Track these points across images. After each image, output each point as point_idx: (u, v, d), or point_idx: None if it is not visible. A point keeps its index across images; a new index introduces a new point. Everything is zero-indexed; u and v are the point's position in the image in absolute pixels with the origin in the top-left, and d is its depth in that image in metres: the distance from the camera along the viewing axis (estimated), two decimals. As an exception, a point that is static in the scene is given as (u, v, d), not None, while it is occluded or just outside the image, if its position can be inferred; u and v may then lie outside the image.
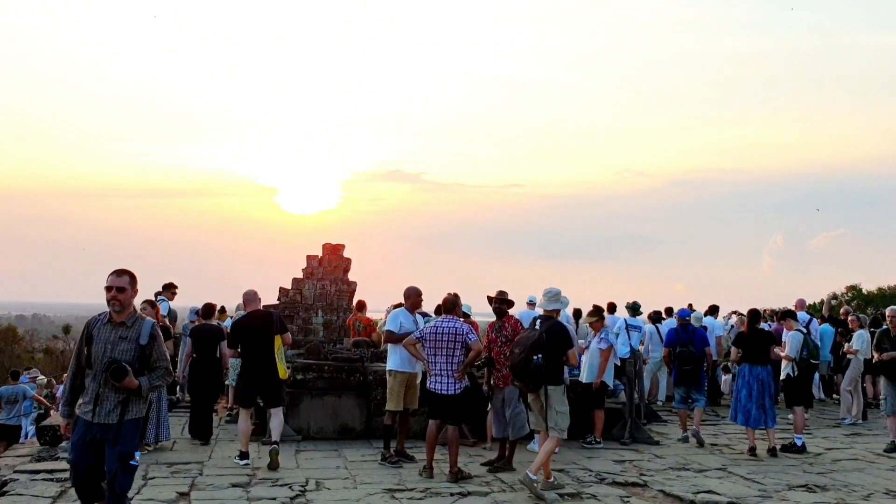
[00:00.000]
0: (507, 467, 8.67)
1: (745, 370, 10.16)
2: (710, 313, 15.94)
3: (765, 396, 10.02)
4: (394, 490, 7.67)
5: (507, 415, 8.81)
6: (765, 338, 10.34)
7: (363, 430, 10.54)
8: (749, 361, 10.13)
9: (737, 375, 10.49)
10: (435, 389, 8.28)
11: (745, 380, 10.15)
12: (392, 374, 9.06)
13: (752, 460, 9.68)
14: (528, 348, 7.70)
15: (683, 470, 9.01)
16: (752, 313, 10.73)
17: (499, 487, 7.89)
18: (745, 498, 7.69)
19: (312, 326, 17.55)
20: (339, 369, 10.75)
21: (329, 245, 18.62)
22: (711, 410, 14.42)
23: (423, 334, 8.43)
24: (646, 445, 10.54)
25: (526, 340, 7.78)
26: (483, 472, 8.53)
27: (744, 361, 10.19)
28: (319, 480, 8.00)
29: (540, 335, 7.75)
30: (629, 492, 7.92)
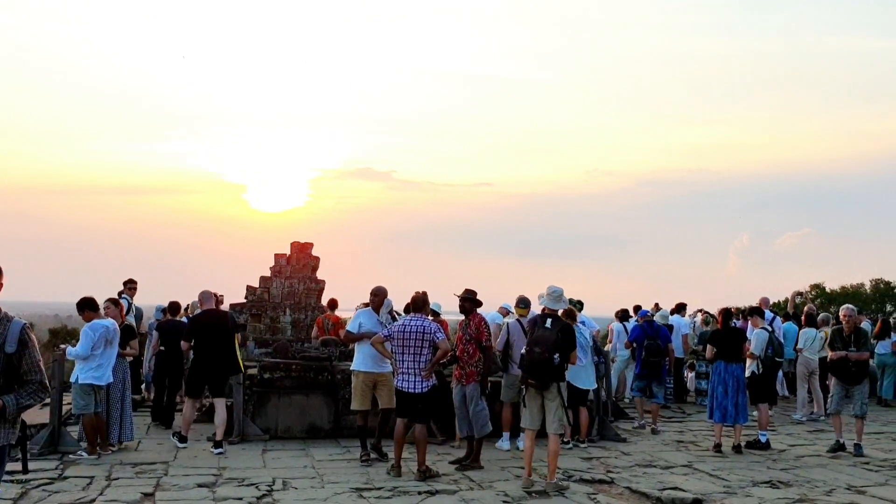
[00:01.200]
0: (475, 465, 8.68)
1: (721, 367, 10.26)
2: (677, 311, 16.07)
3: (738, 393, 10.15)
4: (361, 489, 7.64)
5: (469, 412, 8.83)
6: (738, 335, 10.50)
7: (331, 430, 10.49)
8: (724, 359, 10.24)
9: (711, 373, 10.60)
10: (402, 388, 8.27)
11: (720, 377, 10.25)
12: (354, 374, 9.08)
13: (717, 457, 9.79)
14: (549, 348, 7.72)
15: (650, 467, 9.08)
16: (726, 311, 10.87)
17: (467, 486, 7.90)
18: (710, 494, 7.77)
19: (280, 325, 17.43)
20: (306, 368, 10.69)
21: (297, 243, 18.51)
22: (678, 408, 14.57)
23: (390, 333, 8.42)
24: (613, 443, 10.62)
25: (545, 340, 7.76)
26: (451, 471, 8.53)
27: (718, 359, 10.29)
28: (287, 480, 7.95)
29: (557, 335, 7.80)
30: (596, 489, 7.97)
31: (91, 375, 8.90)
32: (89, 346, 8.86)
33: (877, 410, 14.92)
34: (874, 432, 12.03)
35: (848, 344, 10.33)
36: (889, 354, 15.69)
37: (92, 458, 8.71)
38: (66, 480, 7.77)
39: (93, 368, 8.91)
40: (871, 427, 12.61)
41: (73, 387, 9.02)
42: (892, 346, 15.74)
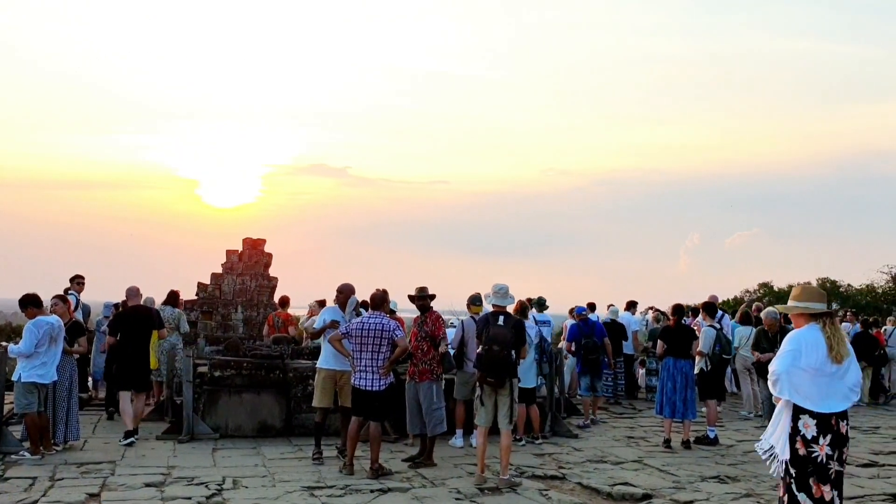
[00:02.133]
0: (428, 463, 8.68)
1: (670, 363, 10.40)
2: (628, 309, 16.26)
3: (687, 389, 10.30)
4: (313, 488, 7.58)
5: (423, 410, 8.83)
6: (688, 333, 10.66)
7: (283, 428, 10.39)
8: (673, 355, 10.38)
9: (661, 369, 10.75)
10: (359, 386, 8.22)
11: (669, 373, 10.39)
12: (318, 371, 9.06)
13: (666, 452, 9.92)
14: (507, 345, 7.75)
15: (601, 462, 9.17)
16: (677, 308, 11.03)
17: (419, 483, 7.89)
18: (659, 489, 7.87)
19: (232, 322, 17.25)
20: (258, 366, 10.56)
21: (249, 239, 18.32)
22: (629, 404, 14.77)
23: (349, 330, 8.37)
24: (565, 439, 10.70)
25: (502, 337, 7.78)
26: (404, 469, 8.51)
27: (668, 355, 10.44)
28: (237, 479, 7.85)
29: (512, 331, 7.83)
30: (548, 485, 8.02)
31: (34, 374, 8.68)
32: (33, 344, 8.64)
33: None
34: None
35: (774, 344, 10.55)
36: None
37: (35, 459, 8.49)
38: (7, 482, 7.57)
39: (36, 367, 8.69)
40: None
41: (16, 385, 8.79)
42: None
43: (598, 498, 7.61)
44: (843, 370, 5.02)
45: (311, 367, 10.27)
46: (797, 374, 4.97)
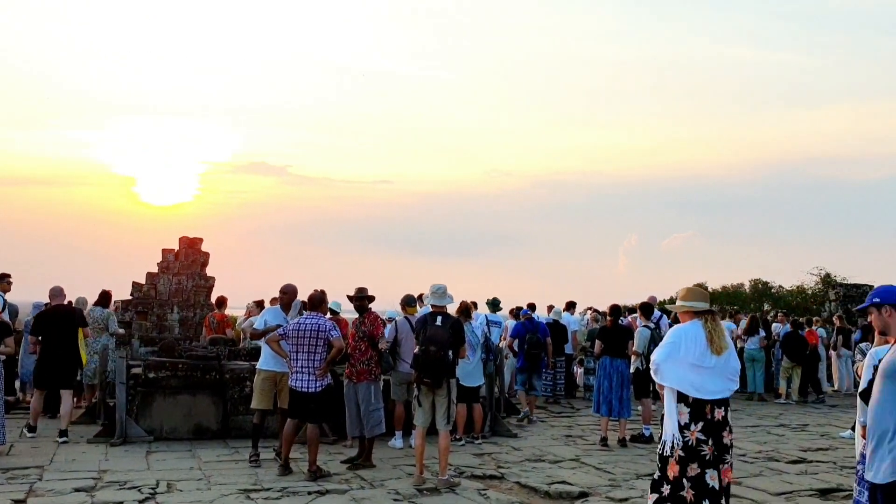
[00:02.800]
0: (367, 464, 8.64)
1: (606, 362, 10.54)
2: (567, 309, 16.44)
3: (623, 388, 10.46)
4: (249, 490, 7.47)
5: (361, 411, 8.78)
6: (624, 332, 10.83)
7: (219, 430, 10.22)
8: (610, 354, 10.53)
9: (598, 368, 10.88)
10: (296, 387, 8.14)
11: (606, 372, 10.53)
12: (258, 372, 8.95)
13: (603, 451, 10.06)
14: (444, 345, 7.72)
15: (539, 461, 9.25)
16: (614, 308, 11.19)
17: (358, 485, 7.84)
18: (595, 487, 7.97)
19: (167, 323, 16.93)
20: (194, 367, 10.37)
21: (186, 238, 18.02)
22: (568, 403, 14.93)
23: (285, 331, 8.27)
24: (505, 438, 10.76)
25: (439, 338, 7.75)
26: (343, 470, 8.46)
27: (605, 354, 10.58)
28: (171, 482, 7.69)
29: (449, 331, 7.80)
30: (487, 484, 8.05)
31: (-42, 376, 8.39)
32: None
33: (753, 405, 15.71)
34: (750, 426, 12.65)
35: None
36: (757, 349, 16.57)
37: (-42, 464, 8.20)
38: (-72, 488, 7.28)
39: (-40, 369, 8.40)
40: (748, 420, 13.26)
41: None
42: (759, 342, 16.61)
43: (536, 497, 7.67)
44: (724, 361, 5.40)
45: (249, 368, 10.15)
46: (677, 364, 5.36)
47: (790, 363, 16.42)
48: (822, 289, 29.49)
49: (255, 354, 10.17)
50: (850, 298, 23.03)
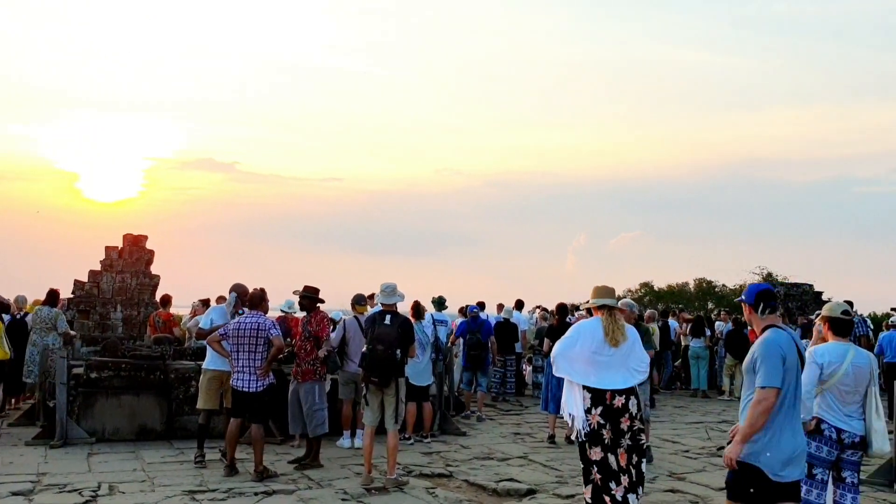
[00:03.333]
0: (315, 464, 8.58)
1: None
2: (517, 308, 16.55)
3: None
4: (194, 491, 7.36)
5: (304, 411, 8.73)
6: None
7: (164, 431, 10.05)
8: None
9: (546, 366, 10.96)
10: (237, 387, 8.05)
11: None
12: (203, 372, 8.85)
13: (551, 448, 10.15)
14: (391, 344, 7.69)
15: (488, 459, 9.29)
16: (561, 307, 11.29)
17: (305, 485, 7.79)
18: (543, 484, 8.04)
19: (111, 322, 16.59)
20: (137, 367, 10.18)
21: (130, 236, 17.68)
22: (516, 401, 15.03)
23: (226, 331, 8.18)
24: (454, 437, 10.79)
25: (387, 337, 7.72)
26: (290, 470, 8.39)
27: None
28: (113, 484, 7.55)
29: (398, 330, 7.77)
30: (435, 483, 8.06)
31: None
32: None
33: (697, 402, 16.02)
34: (694, 422, 12.89)
35: None
36: (702, 347, 16.92)
37: None
38: None
39: None
40: (692, 417, 13.52)
41: None
42: (705, 341, 16.97)
43: (484, 494, 7.71)
44: (624, 353, 5.81)
45: (195, 367, 10.00)
46: (573, 355, 5.81)
47: (733, 361, 16.77)
48: (764, 288, 30.11)
49: (200, 354, 10.02)
50: (790, 297, 23.62)
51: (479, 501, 7.43)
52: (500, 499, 7.59)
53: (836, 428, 5.41)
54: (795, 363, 4.61)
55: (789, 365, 4.54)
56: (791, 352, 4.58)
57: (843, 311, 5.59)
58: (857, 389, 5.42)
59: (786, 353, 4.54)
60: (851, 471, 5.48)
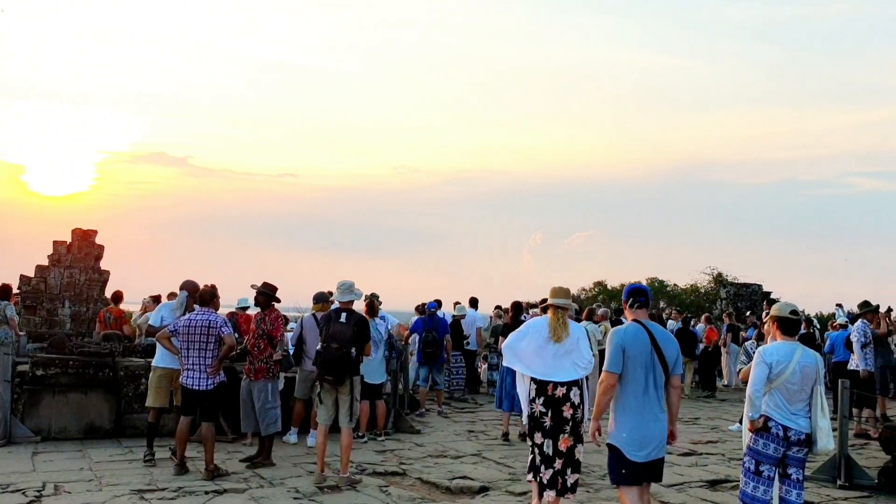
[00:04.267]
0: (267, 462, 8.50)
1: None
2: (471, 306, 16.59)
3: None
4: (143, 491, 7.24)
5: (256, 409, 8.64)
6: None
7: (112, 429, 9.87)
8: None
9: (501, 363, 11.00)
10: (187, 385, 7.93)
11: (508, 368, 10.64)
12: (153, 369, 8.72)
13: (505, 445, 10.20)
14: (346, 343, 7.64)
15: (441, 457, 9.30)
16: (516, 305, 11.33)
17: (257, 484, 7.71)
18: (496, 482, 8.07)
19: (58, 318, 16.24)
20: (86, 364, 9.98)
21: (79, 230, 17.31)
22: (471, 398, 15.07)
23: (176, 327, 8.06)
24: (408, 434, 10.78)
25: (342, 335, 7.66)
26: (242, 469, 8.30)
27: None
28: (59, 484, 7.38)
29: (353, 328, 7.71)
30: (388, 481, 8.04)
31: None
32: None
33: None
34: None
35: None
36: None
37: None
38: None
39: None
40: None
41: None
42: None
43: (437, 492, 7.71)
44: (567, 349, 6.31)
45: (144, 365, 9.84)
46: (520, 348, 6.38)
47: (683, 359, 17.01)
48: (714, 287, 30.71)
49: (151, 351, 9.86)
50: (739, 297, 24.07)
51: (433, 499, 7.43)
52: (454, 496, 7.59)
53: (783, 426, 5.51)
54: (644, 354, 5.24)
55: (632, 355, 5.21)
56: (636, 344, 5.23)
57: (791, 311, 5.70)
58: (803, 388, 5.53)
59: (627, 344, 5.23)
60: (797, 467, 5.59)
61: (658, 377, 5.29)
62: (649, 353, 5.26)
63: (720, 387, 18.66)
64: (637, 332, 5.30)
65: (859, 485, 8.25)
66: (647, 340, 5.28)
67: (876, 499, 7.83)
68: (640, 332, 5.30)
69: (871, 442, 10.88)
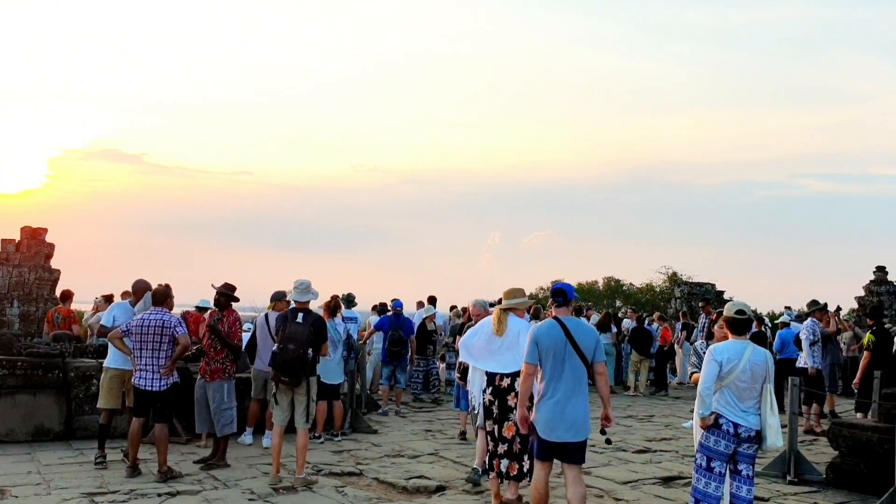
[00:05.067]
0: (222, 464, 8.40)
1: None
2: (430, 303, 16.58)
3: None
4: (94, 493, 7.11)
5: (212, 410, 8.55)
6: None
7: (62, 432, 9.67)
8: None
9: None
10: (140, 386, 7.81)
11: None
12: (105, 370, 8.56)
13: (461, 444, 10.21)
14: (303, 343, 7.58)
15: (398, 457, 9.29)
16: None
17: (211, 485, 7.62)
18: (452, 481, 8.08)
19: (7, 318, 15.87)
20: (34, 365, 9.75)
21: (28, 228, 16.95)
22: (429, 397, 15.05)
23: (128, 327, 7.93)
24: (365, 434, 10.74)
25: (299, 336, 7.60)
26: (196, 470, 8.20)
27: None
28: (5, 488, 7.21)
29: (310, 328, 7.65)
30: (345, 481, 8.01)
31: None
32: None
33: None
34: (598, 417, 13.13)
35: None
36: (609, 345, 17.33)
37: None
38: None
39: None
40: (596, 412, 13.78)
41: None
42: (612, 338, 17.38)
43: (394, 492, 7.69)
44: (508, 344, 6.83)
45: (96, 366, 9.67)
46: (472, 344, 7.12)
47: (638, 357, 17.25)
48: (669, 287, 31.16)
49: (102, 352, 9.69)
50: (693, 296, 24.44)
51: (389, 499, 7.42)
52: (410, 496, 7.59)
53: (733, 423, 5.61)
54: (556, 346, 5.73)
55: (545, 347, 5.74)
56: (547, 338, 5.75)
57: (738, 311, 5.79)
58: (753, 386, 5.63)
59: (539, 338, 5.78)
60: (747, 463, 5.69)
61: (575, 366, 5.75)
62: (563, 345, 5.72)
63: (674, 384, 18.92)
64: (550, 327, 5.80)
65: (808, 480, 8.43)
66: (560, 334, 5.74)
67: (824, 493, 8.01)
68: (553, 327, 5.78)
69: (819, 438, 11.13)
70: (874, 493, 7.45)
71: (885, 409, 8.32)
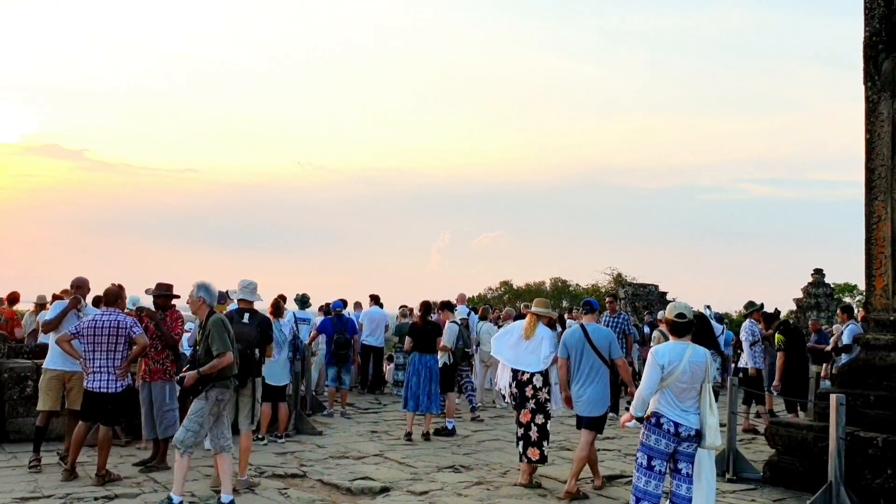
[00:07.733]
0: (162, 466, 8.25)
1: (416, 358, 10.74)
2: (375, 303, 16.47)
3: (431, 383, 10.66)
4: (27, 498, 6.92)
5: (154, 411, 8.38)
6: (434, 329, 11.05)
7: (-5, 434, 9.39)
8: (420, 350, 10.73)
9: (408, 364, 11.03)
10: (94, 388, 7.58)
11: (415, 367, 10.70)
12: (44, 371, 8.38)
13: (407, 445, 10.19)
14: (251, 344, 7.52)
15: (343, 458, 9.22)
16: (425, 305, 11.35)
17: (150, 488, 7.47)
18: (397, 482, 8.06)
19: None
20: (-33, 366, 9.46)
21: (-37, 226, 16.39)
22: (375, 399, 15.01)
23: (79, 329, 7.71)
24: (309, 436, 10.64)
25: (246, 336, 7.53)
26: (135, 473, 8.03)
27: (415, 350, 10.76)
28: (-66, 494, 6.98)
29: (257, 329, 7.55)
30: (288, 483, 7.92)
31: None
32: None
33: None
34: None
35: None
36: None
37: None
38: None
39: None
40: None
41: None
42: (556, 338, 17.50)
43: (338, 493, 7.64)
44: (533, 346, 8.15)
45: (31, 367, 9.43)
46: (503, 345, 8.39)
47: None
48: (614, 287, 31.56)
49: (39, 353, 9.44)
50: (637, 297, 24.78)
51: (333, 501, 7.37)
52: (354, 497, 7.55)
53: (674, 422, 5.68)
54: (578, 345, 7.80)
55: (570, 346, 7.85)
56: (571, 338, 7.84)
57: (678, 314, 5.86)
58: (693, 386, 5.72)
59: (566, 339, 7.88)
60: (687, 462, 5.77)
61: (593, 360, 7.73)
62: (582, 344, 7.76)
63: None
64: (574, 331, 7.94)
65: (746, 478, 8.61)
66: (581, 336, 7.80)
67: (761, 491, 8.19)
68: (576, 331, 7.91)
69: (758, 437, 11.37)
70: (809, 490, 7.63)
71: (820, 409, 8.53)
